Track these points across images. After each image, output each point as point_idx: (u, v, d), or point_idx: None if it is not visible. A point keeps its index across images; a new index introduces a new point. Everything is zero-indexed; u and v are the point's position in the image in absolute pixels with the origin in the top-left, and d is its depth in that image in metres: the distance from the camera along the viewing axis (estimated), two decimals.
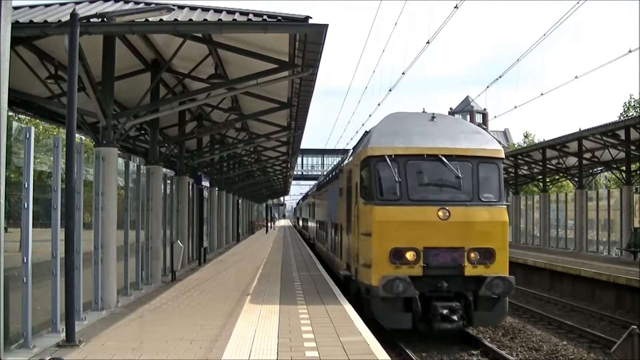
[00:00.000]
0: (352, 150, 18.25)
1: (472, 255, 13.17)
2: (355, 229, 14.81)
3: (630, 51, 21.46)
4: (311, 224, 42.15)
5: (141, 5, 11.66)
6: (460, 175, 13.45)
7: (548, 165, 39.02)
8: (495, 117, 51.14)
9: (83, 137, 23.92)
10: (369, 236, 13.42)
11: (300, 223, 69.15)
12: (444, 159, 13.48)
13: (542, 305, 22.27)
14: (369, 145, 13.90)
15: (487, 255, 13.25)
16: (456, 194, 13.50)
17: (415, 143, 13.76)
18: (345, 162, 18.34)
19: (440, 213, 13.18)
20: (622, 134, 28.33)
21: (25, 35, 11.35)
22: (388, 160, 13.37)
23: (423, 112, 15.65)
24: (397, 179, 13.30)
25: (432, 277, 13.05)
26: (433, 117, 14.80)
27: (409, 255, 13.00)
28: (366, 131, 16.40)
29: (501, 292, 13.16)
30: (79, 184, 10.60)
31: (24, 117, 24.80)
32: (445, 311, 12.72)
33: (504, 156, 14.32)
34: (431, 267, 13.06)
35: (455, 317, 12.75)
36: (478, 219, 13.37)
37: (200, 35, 13.08)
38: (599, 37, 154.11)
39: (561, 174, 42.05)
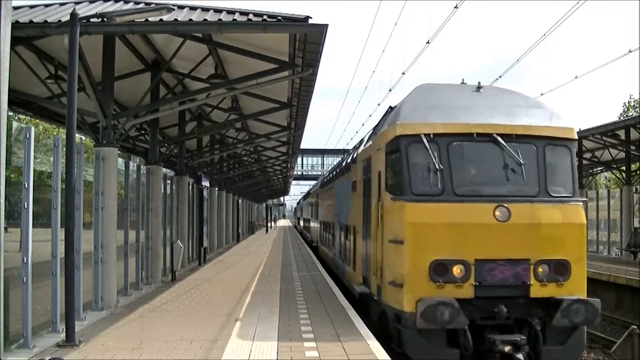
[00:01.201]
0: (371, 132, 14.54)
1: (540, 269, 10.03)
2: (377, 233, 11.61)
3: (630, 51, 21.50)
4: (314, 225, 38.69)
5: (141, 5, 11.66)
6: (522, 161, 10.32)
7: None
8: None
9: (83, 137, 23.94)
10: (399, 244, 10.21)
11: (302, 223, 66.77)
12: (499, 139, 10.35)
13: None
14: (399, 121, 10.62)
15: (559, 270, 10.11)
16: (517, 186, 10.36)
17: (461, 118, 10.59)
18: (361, 148, 14.81)
19: (497, 212, 10.04)
20: (622, 134, 28.35)
21: (25, 35, 11.35)
22: (425, 140, 10.20)
23: (462, 83, 12.37)
24: (437, 166, 10.14)
25: (487, 299, 9.91)
26: (479, 87, 11.67)
27: (456, 271, 9.86)
28: (390, 106, 12.91)
29: (583, 321, 9.90)
30: (79, 184, 10.61)
31: (24, 117, 24.87)
32: (507, 348, 9.55)
33: (576, 137, 11.16)
34: (485, 286, 9.92)
35: (520, 357, 9.56)
36: (547, 220, 10.23)
37: (200, 35, 13.08)
38: (599, 37, 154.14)
39: None
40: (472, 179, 10.51)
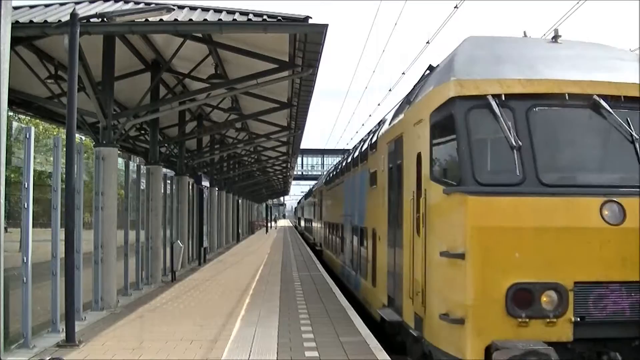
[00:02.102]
0: (401, 102, 10.93)
1: None
2: (414, 240, 8.52)
3: (630, 51, 21.50)
4: (317, 226, 35.50)
5: (141, 5, 11.67)
6: (636, 135, 7.18)
7: None
8: None
9: (83, 137, 23.95)
10: (457, 259, 6.96)
11: (303, 224, 65.39)
12: (603, 103, 7.19)
13: None
14: (453, 77, 7.42)
15: None
16: (631, 172, 7.12)
17: (545, 73, 7.40)
18: (384, 128, 11.74)
19: (605, 211, 6.84)
20: None
21: (25, 35, 11.36)
22: (494, 103, 7.08)
23: (524, 36, 9.12)
24: (514, 142, 6.95)
25: (591, 341, 6.84)
26: (556, 36, 8.38)
27: (546, 300, 6.73)
28: (431, 65, 9.58)
29: None
30: (79, 184, 10.62)
31: (24, 117, 24.85)
32: None
33: None
34: (590, 322, 6.77)
35: None
36: None
37: (200, 35, 13.08)
38: (599, 37, 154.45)
39: None
40: (565, 161, 7.37)
